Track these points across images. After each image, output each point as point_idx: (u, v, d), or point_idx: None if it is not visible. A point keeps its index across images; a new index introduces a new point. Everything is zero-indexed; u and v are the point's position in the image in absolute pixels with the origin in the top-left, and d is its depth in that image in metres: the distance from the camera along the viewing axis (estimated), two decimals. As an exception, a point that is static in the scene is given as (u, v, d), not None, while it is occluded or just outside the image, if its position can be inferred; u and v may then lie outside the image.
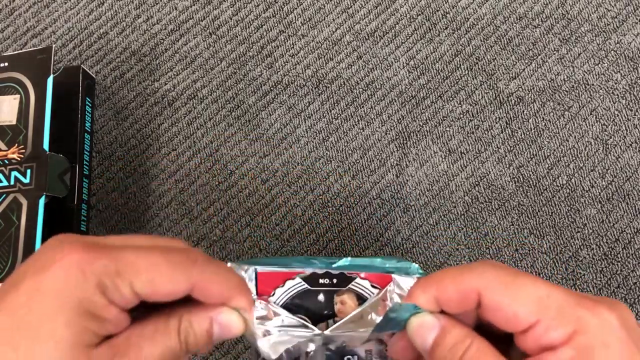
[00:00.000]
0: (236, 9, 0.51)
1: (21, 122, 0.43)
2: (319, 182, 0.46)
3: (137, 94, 0.49)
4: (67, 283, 0.21)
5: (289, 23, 0.51)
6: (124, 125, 0.49)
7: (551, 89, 0.48)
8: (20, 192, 0.41)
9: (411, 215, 0.45)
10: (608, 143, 0.46)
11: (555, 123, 0.47)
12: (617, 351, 0.21)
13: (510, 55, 0.49)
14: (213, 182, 0.47)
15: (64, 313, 0.21)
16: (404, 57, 0.49)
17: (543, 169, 0.46)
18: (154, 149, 0.48)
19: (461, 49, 0.49)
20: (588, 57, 0.48)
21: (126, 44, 0.51)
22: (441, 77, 0.48)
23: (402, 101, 0.48)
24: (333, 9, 0.51)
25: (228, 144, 0.48)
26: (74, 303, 0.21)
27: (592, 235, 0.44)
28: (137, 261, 0.22)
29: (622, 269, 0.43)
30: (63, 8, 0.52)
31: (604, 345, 0.21)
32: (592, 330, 0.21)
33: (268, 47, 0.50)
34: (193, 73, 0.50)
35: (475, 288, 0.22)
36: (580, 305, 0.21)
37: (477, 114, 0.47)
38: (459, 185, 0.46)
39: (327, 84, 0.49)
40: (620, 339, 0.21)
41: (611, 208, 0.44)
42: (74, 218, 0.44)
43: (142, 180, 0.47)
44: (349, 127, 0.48)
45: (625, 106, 0.47)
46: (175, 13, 0.51)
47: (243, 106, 0.48)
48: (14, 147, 0.43)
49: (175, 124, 0.48)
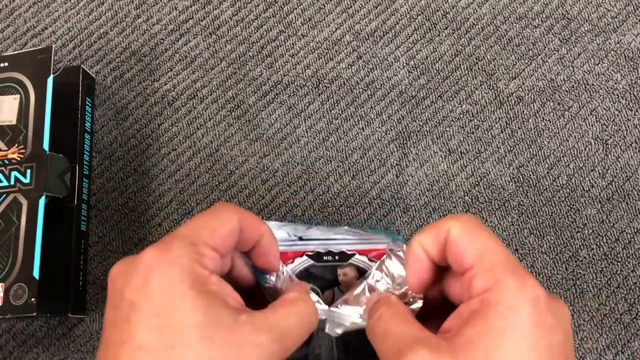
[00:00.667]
0: (236, 8, 0.51)
1: (21, 122, 0.43)
2: (319, 182, 0.46)
3: (137, 94, 0.49)
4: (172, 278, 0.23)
5: (289, 23, 0.51)
6: (124, 125, 0.49)
7: (551, 89, 0.48)
8: (20, 192, 0.41)
9: (411, 215, 0.45)
10: (608, 143, 0.46)
11: (555, 123, 0.47)
12: (519, 316, 0.21)
13: (510, 55, 0.49)
14: (213, 182, 0.47)
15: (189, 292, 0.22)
16: (404, 57, 0.49)
17: (543, 169, 0.46)
18: (154, 149, 0.48)
19: (461, 49, 0.49)
20: (588, 57, 0.48)
21: (126, 44, 0.51)
22: (441, 77, 0.48)
23: (402, 101, 0.48)
24: (333, 9, 0.51)
25: (228, 144, 0.48)
26: (190, 281, 0.23)
27: (592, 235, 0.44)
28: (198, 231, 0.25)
29: (622, 269, 0.43)
30: (63, 8, 0.52)
31: (508, 307, 0.21)
32: (505, 292, 0.22)
33: (268, 47, 0.50)
34: (193, 73, 0.50)
35: (447, 230, 0.25)
36: (511, 270, 0.22)
37: (477, 114, 0.47)
38: (459, 185, 0.46)
39: (327, 84, 0.49)
40: (526, 311, 0.21)
41: (611, 208, 0.44)
42: (74, 218, 0.44)
43: (142, 180, 0.47)
44: (349, 127, 0.48)
45: (625, 106, 0.47)
46: (175, 13, 0.51)
47: (243, 106, 0.48)
48: (14, 147, 0.43)
49: (175, 124, 0.48)
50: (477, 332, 0.21)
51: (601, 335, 0.42)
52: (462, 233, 0.25)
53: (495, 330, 0.21)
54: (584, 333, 0.42)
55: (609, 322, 0.42)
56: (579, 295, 0.43)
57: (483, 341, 0.21)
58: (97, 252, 0.45)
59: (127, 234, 0.46)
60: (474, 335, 0.21)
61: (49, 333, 0.43)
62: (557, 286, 0.43)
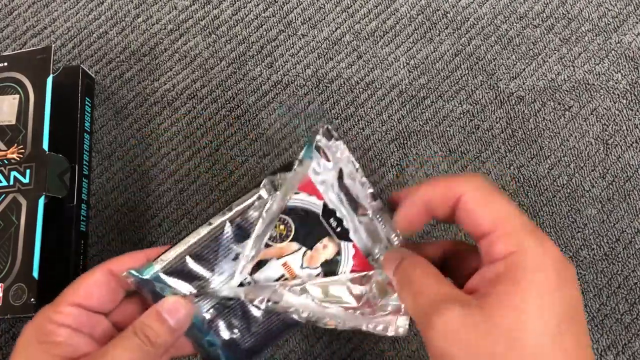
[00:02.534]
0: (236, 8, 0.51)
1: (20, 122, 0.43)
2: (319, 182, 0.46)
3: (136, 94, 0.49)
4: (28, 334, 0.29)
5: (289, 23, 0.51)
6: (123, 125, 0.49)
7: (552, 88, 0.48)
8: (19, 192, 0.41)
9: (411, 215, 0.45)
10: (609, 143, 0.46)
11: (555, 123, 0.47)
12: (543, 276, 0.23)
13: (510, 55, 0.49)
14: (213, 182, 0.47)
15: (35, 345, 0.28)
16: (404, 57, 0.49)
17: (543, 169, 0.46)
18: (154, 149, 0.48)
19: (461, 49, 0.49)
20: (588, 57, 0.48)
21: (126, 44, 0.51)
22: (441, 77, 0.48)
23: (402, 101, 0.48)
24: (333, 9, 0.51)
25: (228, 144, 0.48)
26: (37, 335, 0.29)
27: (592, 235, 0.44)
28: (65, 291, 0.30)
29: (623, 269, 0.43)
30: (62, 8, 0.52)
31: (533, 269, 0.23)
32: (529, 255, 0.23)
33: (268, 46, 0.50)
34: (193, 73, 0.49)
35: (459, 193, 0.26)
36: (531, 233, 0.24)
37: (478, 114, 0.47)
38: (459, 185, 0.46)
39: (327, 84, 0.49)
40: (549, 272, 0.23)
41: (612, 208, 0.44)
42: (74, 218, 0.44)
43: (142, 180, 0.47)
44: (349, 127, 0.47)
45: (625, 106, 0.47)
46: (174, 12, 0.51)
47: (243, 106, 0.48)
48: (13, 147, 0.43)
49: (175, 123, 0.48)
50: (505, 292, 0.23)
51: (602, 335, 0.42)
52: (477, 199, 0.25)
53: (523, 291, 0.23)
54: (584, 333, 0.42)
55: (609, 323, 0.42)
56: (580, 295, 0.43)
57: (513, 300, 0.22)
58: (96, 252, 0.45)
59: (127, 234, 0.46)
60: (502, 295, 0.23)
61: (49, 333, 0.43)
62: (557, 286, 0.43)
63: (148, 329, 0.28)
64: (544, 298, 0.22)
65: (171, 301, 0.29)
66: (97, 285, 0.30)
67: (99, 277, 0.30)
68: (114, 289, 0.31)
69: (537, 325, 0.22)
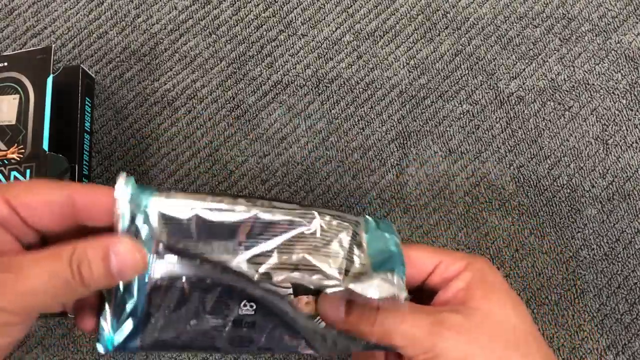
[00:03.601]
0: (236, 8, 0.51)
1: (21, 122, 0.43)
2: (319, 182, 0.46)
3: (136, 94, 0.49)
4: None
5: (289, 23, 0.51)
6: (123, 125, 0.49)
7: (551, 88, 0.48)
8: (19, 192, 0.41)
9: (411, 215, 0.45)
10: (609, 143, 0.46)
11: (555, 123, 0.47)
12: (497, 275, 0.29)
13: (510, 55, 0.49)
14: (213, 182, 0.47)
15: None
16: (404, 57, 0.49)
17: (543, 169, 0.46)
18: (154, 149, 0.48)
19: (461, 49, 0.49)
20: (588, 57, 0.48)
21: (126, 44, 0.51)
22: (441, 77, 0.48)
23: (402, 101, 0.48)
24: (333, 9, 0.51)
25: (228, 144, 0.48)
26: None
27: (592, 235, 0.44)
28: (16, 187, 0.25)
29: (623, 270, 0.43)
30: (62, 8, 0.52)
31: (490, 269, 0.29)
32: (479, 263, 0.29)
33: (268, 46, 0.50)
34: (193, 73, 0.49)
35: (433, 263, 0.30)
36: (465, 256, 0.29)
37: (478, 114, 0.47)
38: (459, 186, 0.46)
39: (327, 84, 0.49)
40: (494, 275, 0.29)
41: (612, 208, 0.44)
42: (74, 218, 0.44)
43: (142, 180, 0.47)
44: (349, 127, 0.47)
45: (625, 106, 0.47)
46: (174, 13, 0.51)
47: (243, 106, 0.48)
48: (13, 147, 0.43)
49: (175, 123, 0.48)
50: (477, 300, 0.27)
51: (602, 335, 0.42)
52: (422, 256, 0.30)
53: (487, 296, 0.28)
54: (584, 333, 0.42)
55: (609, 323, 0.42)
56: (580, 295, 0.43)
57: (484, 305, 0.27)
58: (96, 252, 0.45)
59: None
60: (475, 304, 0.27)
61: (49, 333, 0.43)
62: (557, 286, 0.43)
63: (85, 265, 0.23)
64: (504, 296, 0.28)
65: (128, 246, 0.24)
66: (48, 205, 0.24)
67: (57, 198, 0.24)
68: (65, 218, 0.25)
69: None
